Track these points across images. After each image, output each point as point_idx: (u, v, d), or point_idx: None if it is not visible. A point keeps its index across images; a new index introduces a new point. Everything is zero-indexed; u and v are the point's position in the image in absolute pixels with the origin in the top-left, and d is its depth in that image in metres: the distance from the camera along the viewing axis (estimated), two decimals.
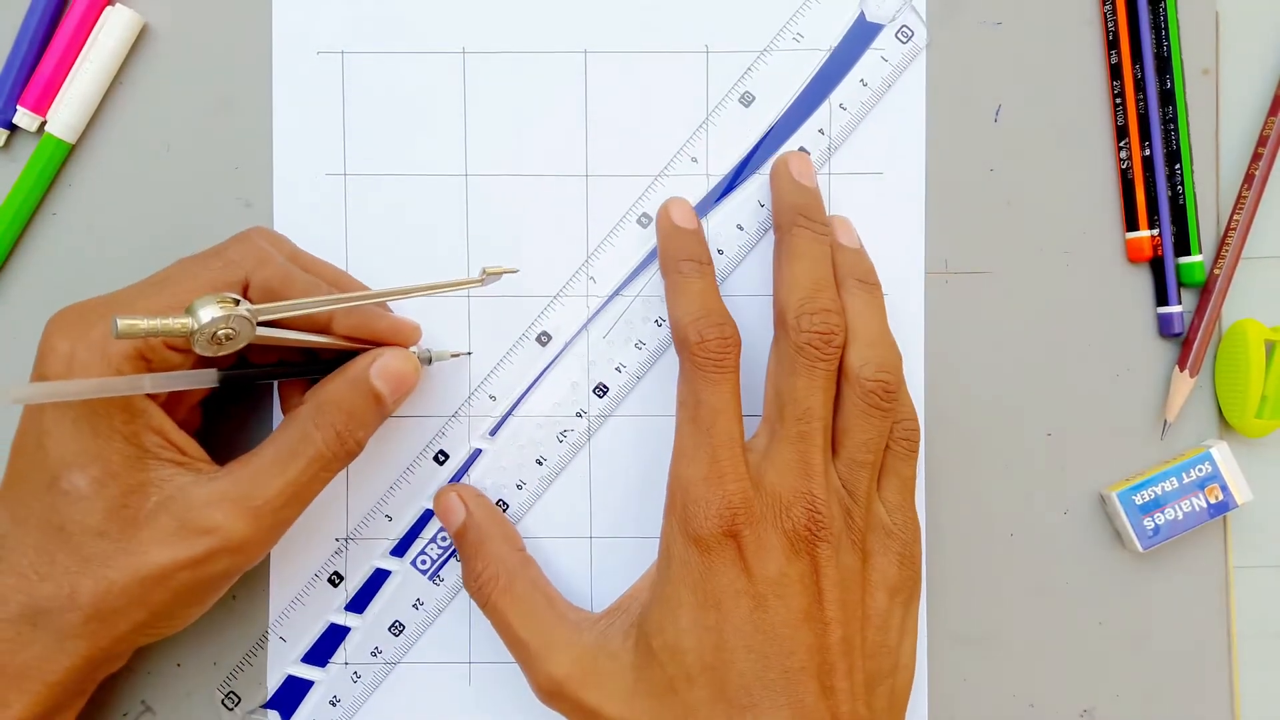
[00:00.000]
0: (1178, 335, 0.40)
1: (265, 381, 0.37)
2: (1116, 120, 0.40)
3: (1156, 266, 0.40)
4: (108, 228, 0.40)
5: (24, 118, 0.39)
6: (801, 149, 0.40)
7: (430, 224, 0.40)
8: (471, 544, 0.38)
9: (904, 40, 0.40)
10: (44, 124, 0.39)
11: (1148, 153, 0.40)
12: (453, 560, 0.40)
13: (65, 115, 0.39)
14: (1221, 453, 0.39)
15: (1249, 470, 0.39)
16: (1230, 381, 0.39)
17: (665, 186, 0.40)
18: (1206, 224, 0.40)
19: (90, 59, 0.39)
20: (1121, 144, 0.40)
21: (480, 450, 0.40)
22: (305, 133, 0.40)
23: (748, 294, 0.40)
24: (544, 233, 0.40)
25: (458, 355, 0.40)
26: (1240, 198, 0.40)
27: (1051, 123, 0.40)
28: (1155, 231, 0.40)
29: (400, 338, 0.37)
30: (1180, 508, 0.39)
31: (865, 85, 0.40)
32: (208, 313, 0.31)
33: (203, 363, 0.35)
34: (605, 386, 0.40)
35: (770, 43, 0.40)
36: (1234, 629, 0.40)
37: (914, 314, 0.40)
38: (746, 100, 0.40)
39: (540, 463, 0.40)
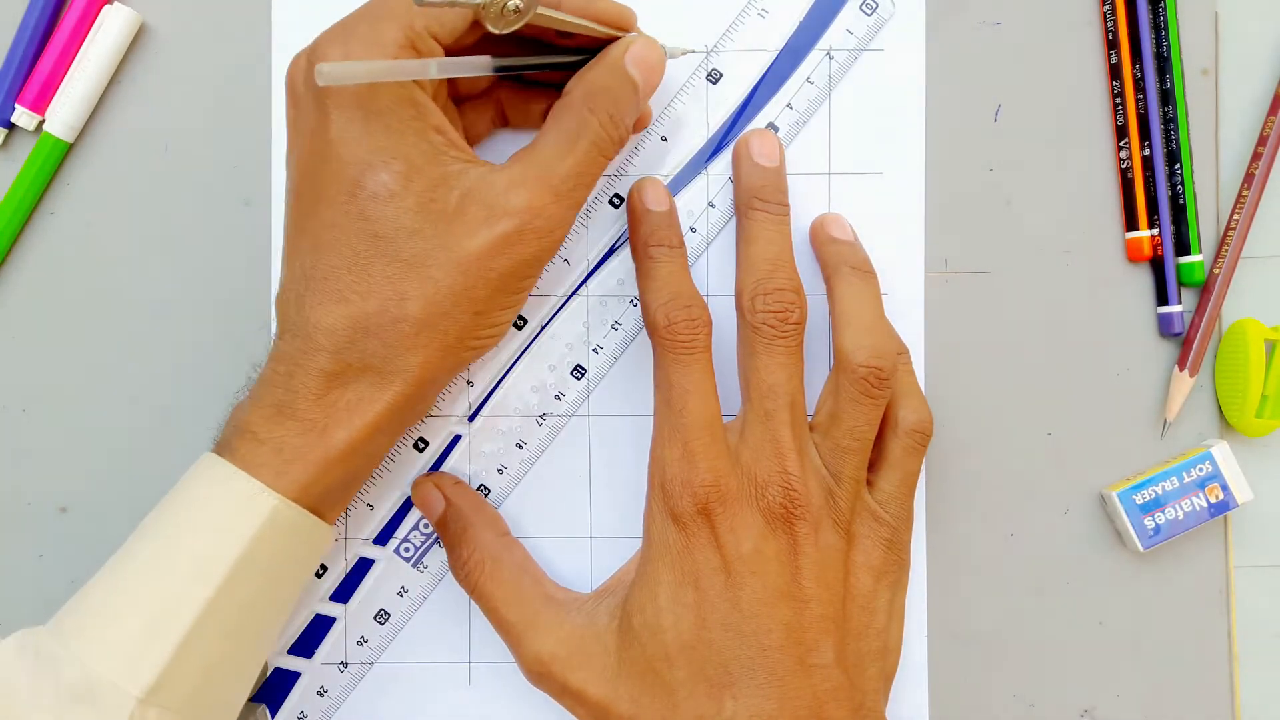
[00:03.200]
0: (1178, 335, 0.40)
1: (532, 71, 0.36)
2: (1116, 120, 0.40)
3: (1156, 266, 0.40)
4: (106, 227, 0.40)
5: (22, 116, 0.39)
6: (771, 125, 0.40)
7: None
8: (454, 532, 0.38)
9: (868, 13, 0.40)
10: (42, 123, 0.39)
11: (1147, 152, 0.40)
12: (436, 547, 0.40)
13: (63, 114, 0.39)
14: (1222, 452, 0.39)
15: (1249, 470, 0.39)
16: (1230, 381, 0.39)
17: (636, 167, 0.40)
18: (1206, 224, 0.40)
19: (89, 58, 0.39)
20: (1121, 144, 0.40)
21: (459, 436, 0.40)
22: None
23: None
24: None
25: (688, 52, 0.39)
26: (1240, 197, 0.40)
27: (1051, 123, 0.40)
28: (1155, 231, 0.40)
29: (623, 20, 0.36)
30: (1180, 507, 0.39)
31: (831, 59, 0.40)
32: None
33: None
34: (583, 368, 0.40)
35: (735, 19, 0.40)
36: (1234, 629, 0.40)
37: (914, 314, 0.40)
38: (714, 77, 0.40)
39: (520, 446, 0.40)
